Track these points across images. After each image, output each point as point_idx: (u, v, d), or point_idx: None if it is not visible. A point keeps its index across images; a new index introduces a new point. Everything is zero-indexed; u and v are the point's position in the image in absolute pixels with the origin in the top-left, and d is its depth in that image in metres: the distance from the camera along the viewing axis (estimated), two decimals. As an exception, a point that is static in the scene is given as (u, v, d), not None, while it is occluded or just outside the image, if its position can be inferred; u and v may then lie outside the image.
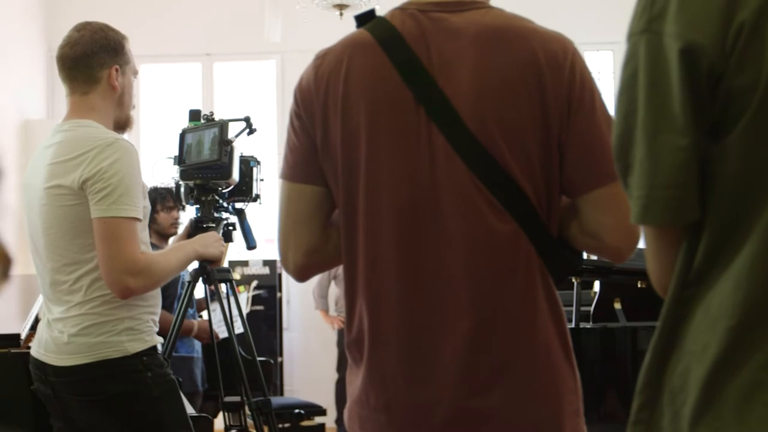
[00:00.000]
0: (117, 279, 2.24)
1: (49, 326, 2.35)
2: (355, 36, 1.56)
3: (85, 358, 2.28)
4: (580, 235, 1.52)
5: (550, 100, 1.46)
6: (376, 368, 1.52)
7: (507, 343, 1.47)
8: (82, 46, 2.39)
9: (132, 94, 2.50)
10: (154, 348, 2.37)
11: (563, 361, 1.51)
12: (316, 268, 1.67)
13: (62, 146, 2.32)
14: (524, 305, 1.48)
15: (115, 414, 2.32)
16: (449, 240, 1.47)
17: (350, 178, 1.51)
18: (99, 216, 2.23)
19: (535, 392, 1.48)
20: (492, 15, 1.52)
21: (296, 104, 1.57)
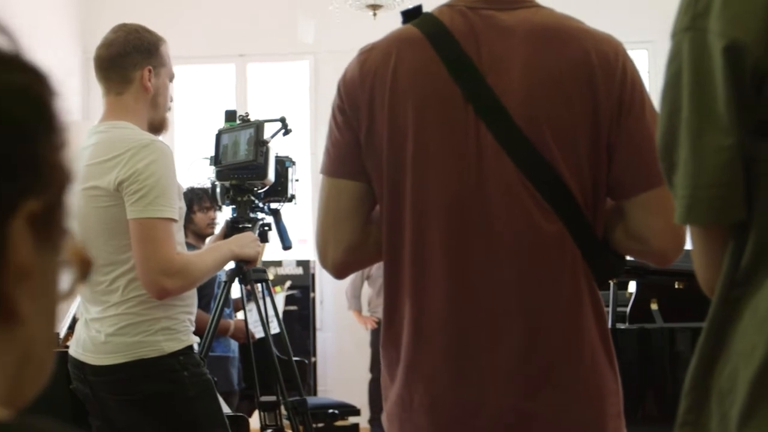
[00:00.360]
0: (153, 280, 2.25)
1: (86, 326, 2.37)
2: (402, 31, 1.54)
3: (122, 358, 2.29)
4: (625, 238, 1.51)
5: (601, 101, 1.45)
6: (419, 368, 1.50)
7: (554, 345, 1.46)
8: (116, 47, 2.42)
9: (167, 96, 2.51)
10: (191, 347, 2.38)
11: (606, 363, 1.50)
12: (356, 265, 1.66)
13: (98, 148, 2.33)
14: (571, 306, 1.47)
15: (151, 413, 2.33)
16: (497, 239, 1.46)
17: (395, 175, 1.50)
18: (135, 217, 2.24)
19: (580, 394, 1.47)
20: (542, 14, 1.51)
21: (340, 98, 1.55)
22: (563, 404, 1.46)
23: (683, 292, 3.66)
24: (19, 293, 0.52)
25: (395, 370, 1.54)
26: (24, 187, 0.51)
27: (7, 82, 0.51)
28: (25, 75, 0.53)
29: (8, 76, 0.52)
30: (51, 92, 0.55)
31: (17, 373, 0.54)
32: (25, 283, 0.52)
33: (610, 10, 6.69)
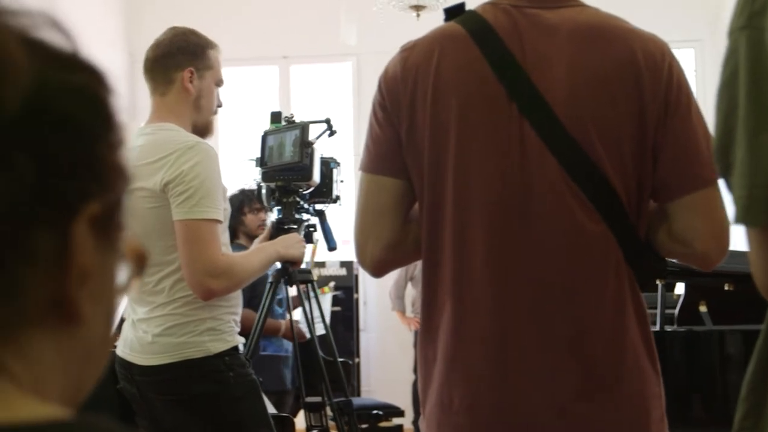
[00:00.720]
0: (199, 281, 2.26)
1: (133, 326, 2.39)
2: (445, 28, 1.53)
3: (169, 358, 2.31)
4: (668, 240, 1.49)
5: (647, 101, 1.43)
6: (460, 368, 1.48)
7: (597, 346, 1.44)
8: (162, 48, 2.44)
9: (212, 100, 2.51)
10: (236, 348, 2.38)
11: (649, 366, 1.48)
12: (394, 264, 1.64)
13: (144, 149, 2.35)
14: (614, 308, 1.45)
15: (197, 414, 2.35)
16: (540, 238, 1.44)
17: (437, 173, 1.49)
18: (180, 218, 2.26)
19: (624, 397, 1.45)
20: (587, 13, 1.50)
21: (381, 95, 1.54)
22: (607, 406, 1.44)
23: (733, 294, 3.59)
24: (82, 294, 0.52)
25: (432, 370, 1.53)
26: (85, 190, 0.51)
27: (64, 82, 0.51)
28: (82, 74, 0.53)
29: (66, 75, 0.51)
30: (108, 90, 0.54)
31: (79, 372, 0.55)
32: (87, 284, 0.52)
33: (657, 9, 6.62)
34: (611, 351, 1.45)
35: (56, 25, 0.52)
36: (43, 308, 0.50)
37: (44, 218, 0.49)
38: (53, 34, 0.52)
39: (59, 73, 0.51)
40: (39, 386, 0.51)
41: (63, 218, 0.50)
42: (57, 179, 0.49)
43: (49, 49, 0.52)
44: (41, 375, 0.52)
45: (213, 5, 6.92)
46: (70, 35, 0.53)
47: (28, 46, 0.49)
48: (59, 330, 0.52)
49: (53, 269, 0.50)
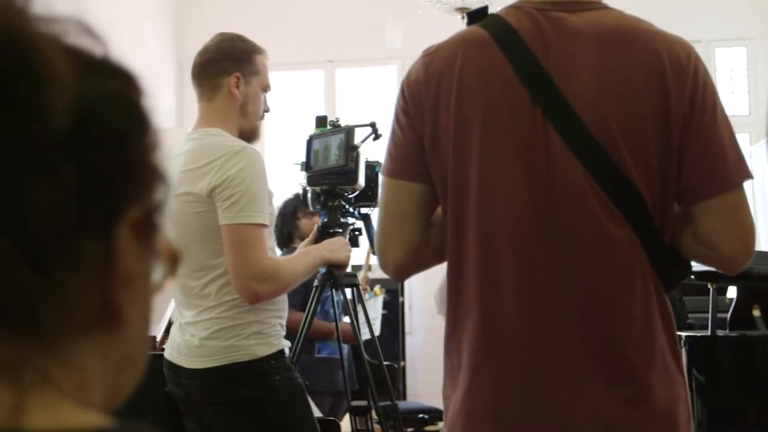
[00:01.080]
0: (245, 284, 2.27)
1: (181, 330, 2.41)
2: (468, 32, 1.52)
3: (215, 361, 2.32)
4: (693, 244, 1.48)
5: (673, 104, 1.42)
6: (486, 375, 1.47)
7: (625, 351, 1.43)
8: (209, 54, 2.46)
9: (259, 105, 2.53)
10: (282, 352, 2.39)
11: (675, 369, 1.47)
12: (416, 268, 1.63)
13: (191, 155, 2.37)
14: (642, 312, 1.44)
15: (243, 417, 2.35)
16: (565, 243, 1.43)
17: (461, 178, 1.48)
18: (227, 223, 2.27)
19: (653, 401, 1.44)
20: (612, 16, 1.49)
21: (404, 99, 1.53)
22: (637, 411, 1.43)
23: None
24: (124, 297, 0.52)
25: (457, 378, 1.51)
26: (126, 195, 0.52)
27: (101, 89, 0.51)
28: (115, 80, 0.53)
29: (102, 82, 0.52)
30: (141, 94, 0.55)
31: (119, 376, 0.55)
32: (130, 287, 0.53)
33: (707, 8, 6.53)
34: (640, 356, 1.44)
35: (86, 30, 0.52)
36: (89, 314, 0.51)
37: (89, 225, 0.49)
38: (84, 39, 0.52)
39: (96, 80, 0.51)
40: (81, 393, 0.52)
41: (107, 224, 0.51)
42: (100, 186, 0.50)
43: (83, 56, 0.52)
44: (84, 382, 0.52)
45: (259, 10, 6.97)
46: (101, 39, 0.53)
47: (65, 54, 0.50)
48: (103, 335, 0.52)
49: (98, 275, 0.51)
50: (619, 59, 1.43)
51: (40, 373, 0.49)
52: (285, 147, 6.76)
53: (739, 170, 1.46)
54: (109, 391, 0.55)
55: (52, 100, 0.48)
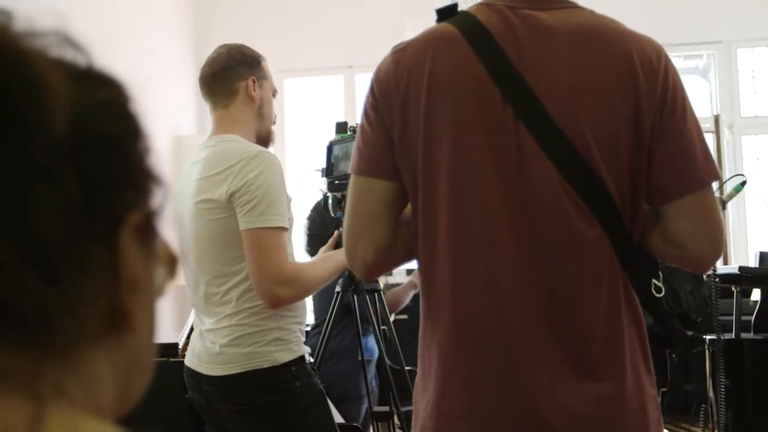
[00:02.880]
0: (267, 289, 2.27)
1: (201, 337, 2.41)
2: (438, 29, 1.51)
3: (236, 368, 2.32)
4: (662, 243, 1.48)
5: (643, 104, 1.41)
6: (460, 374, 1.46)
7: (595, 349, 1.43)
8: (219, 62, 2.48)
9: (272, 109, 2.56)
10: (302, 358, 2.39)
11: (644, 368, 1.47)
12: (385, 267, 1.60)
13: (209, 161, 2.37)
14: (610, 311, 1.44)
15: (265, 423, 2.35)
16: (537, 243, 1.42)
17: (431, 176, 1.46)
18: (247, 227, 2.27)
19: (623, 399, 1.44)
20: (583, 14, 1.48)
21: (373, 96, 1.52)
22: (608, 407, 1.43)
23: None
24: (132, 302, 0.53)
25: (428, 380, 1.50)
26: (126, 200, 0.53)
27: (92, 99, 0.52)
28: (105, 89, 0.54)
29: (93, 91, 0.52)
30: (130, 101, 0.55)
31: (127, 380, 0.55)
32: (137, 291, 0.53)
33: (730, 7, 6.48)
34: (609, 354, 1.44)
35: (68, 41, 0.53)
36: (99, 320, 0.51)
37: (93, 232, 0.50)
38: (67, 50, 0.53)
39: (87, 90, 0.52)
40: (93, 401, 0.52)
41: (110, 230, 0.51)
42: (101, 193, 0.50)
43: (71, 67, 0.52)
44: (95, 389, 0.52)
45: (279, 17, 6.99)
46: (83, 49, 0.53)
47: (55, 66, 0.50)
48: (112, 341, 0.53)
49: (106, 280, 0.51)
50: (591, 59, 1.43)
51: (56, 383, 0.49)
52: (305, 153, 6.77)
53: (708, 170, 1.46)
54: (119, 397, 0.55)
55: (50, 112, 0.48)
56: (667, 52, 1.49)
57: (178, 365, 2.61)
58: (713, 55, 6.79)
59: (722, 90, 6.74)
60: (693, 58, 6.92)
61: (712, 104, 6.80)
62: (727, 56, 6.72)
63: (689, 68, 6.87)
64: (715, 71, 6.77)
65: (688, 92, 1.49)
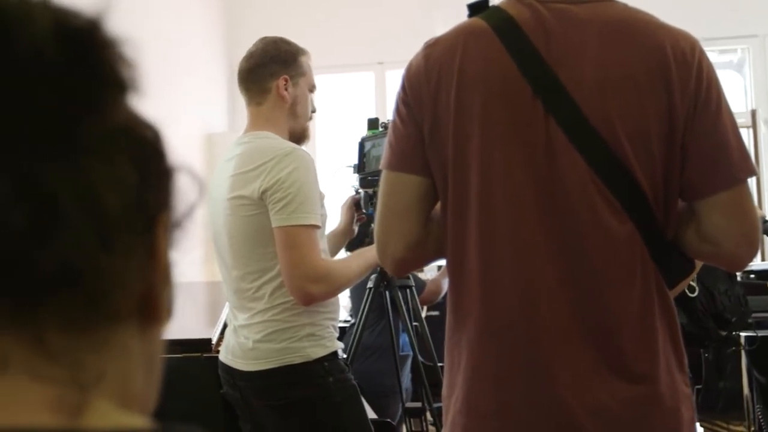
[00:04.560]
0: (299, 286, 2.28)
1: (235, 332, 2.42)
2: (468, 24, 1.50)
3: (269, 364, 2.33)
4: (696, 240, 1.46)
5: (676, 99, 1.39)
6: (488, 371, 1.45)
7: (626, 346, 1.42)
8: (255, 58, 2.48)
9: (307, 106, 2.54)
10: (335, 353, 2.39)
11: (677, 367, 1.45)
12: (415, 263, 1.61)
13: (242, 158, 2.38)
14: (642, 307, 1.42)
15: (298, 418, 2.36)
16: (568, 239, 1.41)
17: (461, 171, 1.46)
18: (279, 225, 2.28)
19: (656, 398, 1.42)
20: (616, 8, 1.46)
21: (404, 92, 1.52)
22: (640, 405, 1.41)
23: None
24: (162, 294, 0.54)
25: (456, 377, 1.50)
26: (164, 197, 0.54)
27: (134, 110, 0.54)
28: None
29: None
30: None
31: (149, 375, 0.56)
32: (166, 285, 0.55)
33: (763, 2, 6.40)
34: (641, 352, 1.42)
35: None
36: (134, 305, 0.52)
37: (138, 221, 0.51)
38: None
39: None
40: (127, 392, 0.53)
41: (149, 224, 0.52)
42: (150, 182, 0.52)
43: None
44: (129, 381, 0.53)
45: (309, 13, 7.00)
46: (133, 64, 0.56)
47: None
48: (141, 331, 0.54)
49: (144, 266, 0.52)
50: (623, 52, 1.41)
51: (97, 370, 0.50)
52: (336, 149, 6.78)
53: (744, 166, 1.43)
54: (145, 388, 0.55)
55: (112, 98, 0.50)
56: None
57: (211, 361, 2.63)
58: (748, 50, 6.72)
59: (758, 84, 6.66)
60: (727, 52, 6.84)
61: (747, 99, 6.72)
62: (762, 50, 6.64)
63: (724, 63, 6.80)
64: (750, 65, 6.69)
65: (723, 87, 1.47)
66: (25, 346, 0.48)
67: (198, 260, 5.12)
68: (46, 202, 0.46)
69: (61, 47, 0.48)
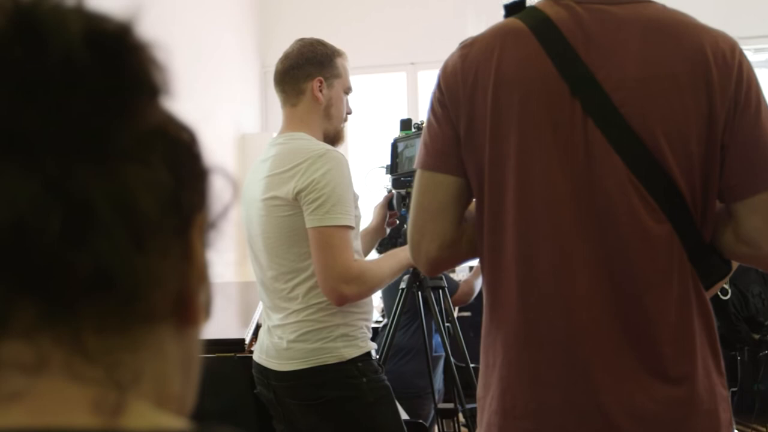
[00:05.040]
0: (333, 286, 2.28)
1: (269, 332, 2.43)
2: (505, 24, 1.50)
3: (303, 364, 2.34)
4: (735, 242, 1.44)
5: (716, 100, 1.38)
6: (525, 371, 1.45)
7: (665, 347, 1.41)
8: (290, 60, 2.49)
9: (342, 108, 2.54)
10: (369, 354, 2.39)
11: (714, 368, 1.45)
12: (448, 263, 1.60)
13: (277, 159, 2.39)
14: (679, 309, 1.41)
15: (331, 418, 2.37)
16: (605, 239, 1.41)
17: (498, 172, 1.46)
18: (313, 225, 2.29)
19: (695, 400, 1.41)
20: (655, 8, 1.46)
21: (440, 92, 1.52)
22: (679, 408, 1.41)
23: None
24: (198, 295, 0.55)
25: (491, 377, 1.49)
26: (199, 199, 0.55)
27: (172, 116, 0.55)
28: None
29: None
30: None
31: (187, 376, 0.56)
32: (202, 286, 0.55)
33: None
34: (679, 354, 1.41)
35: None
36: (169, 306, 0.52)
37: (173, 222, 0.52)
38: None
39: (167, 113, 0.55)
40: (164, 393, 0.53)
41: (184, 225, 0.53)
42: (182, 188, 0.52)
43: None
44: (165, 381, 0.53)
45: (340, 14, 7.02)
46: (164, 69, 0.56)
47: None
48: (177, 331, 0.54)
49: (180, 267, 0.53)
50: (663, 52, 1.41)
51: (134, 369, 0.50)
52: (368, 150, 6.79)
53: None
54: (182, 390, 0.56)
55: (144, 101, 0.51)
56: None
57: (245, 360, 2.64)
58: (784, 48, 6.64)
59: (794, 83, 6.58)
60: (763, 51, 6.76)
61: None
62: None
63: (759, 62, 6.72)
64: (786, 64, 6.61)
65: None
66: (63, 348, 0.48)
67: (231, 261, 5.15)
68: (80, 206, 0.47)
69: (93, 53, 0.49)
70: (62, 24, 0.48)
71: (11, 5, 0.49)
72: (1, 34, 0.48)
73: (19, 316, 0.48)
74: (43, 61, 0.48)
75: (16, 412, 0.47)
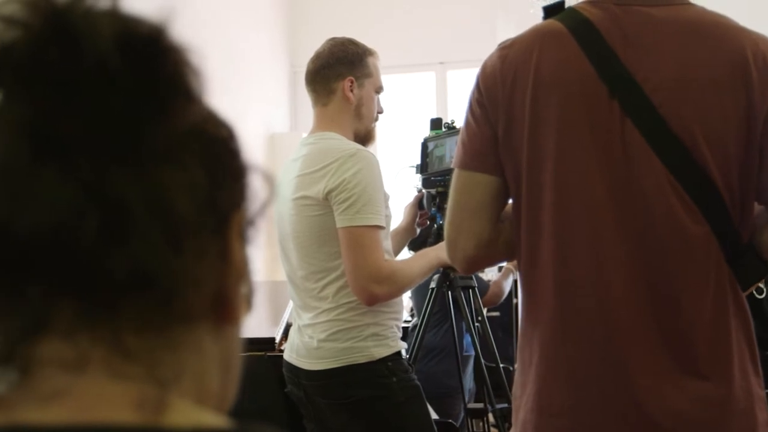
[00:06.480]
0: (363, 286, 2.29)
1: (299, 332, 2.44)
2: (545, 25, 1.50)
3: (334, 363, 2.34)
4: None
5: (756, 101, 1.38)
6: (562, 369, 1.45)
7: (701, 347, 1.41)
8: (322, 59, 2.49)
9: (373, 107, 2.54)
10: (399, 353, 2.40)
11: (752, 369, 1.44)
12: (485, 262, 1.62)
13: (308, 159, 2.40)
14: (716, 309, 1.41)
15: (362, 418, 2.37)
16: (643, 239, 1.41)
17: (536, 172, 1.46)
18: (344, 225, 2.29)
19: (731, 400, 1.41)
20: (695, 10, 1.45)
21: (479, 92, 1.53)
22: (713, 411, 1.40)
23: None
24: (237, 293, 0.55)
25: (528, 374, 1.50)
26: (237, 197, 0.55)
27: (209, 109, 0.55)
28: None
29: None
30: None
31: (226, 374, 0.56)
32: (240, 284, 0.55)
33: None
34: (715, 353, 1.41)
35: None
36: (207, 305, 0.53)
37: (211, 221, 0.52)
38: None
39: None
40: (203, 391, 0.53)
41: (222, 224, 0.53)
42: (221, 184, 0.53)
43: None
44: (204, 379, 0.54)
45: (369, 14, 7.03)
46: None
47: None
48: (216, 330, 0.54)
49: (217, 267, 0.53)
50: (702, 54, 1.40)
51: (174, 367, 0.51)
52: (397, 149, 6.79)
53: None
54: (220, 388, 0.56)
55: (178, 103, 0.52)
56: None
57: (275, 359, 2.65)
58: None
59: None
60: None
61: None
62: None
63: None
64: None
65: None
66: (103, 347, 0.49)
67: (262, 259, 5.17)
68: (117, 209, 0.47)
69: (126, 56, 0.49)
70: (95, 29, 0.49)
71: (47, 5, 0.49)
72: (38, 35, 0.48)
73: (60, 316, 0.48)
74: (78, 63, 0.48)
75: (59, 410, 0.47)
